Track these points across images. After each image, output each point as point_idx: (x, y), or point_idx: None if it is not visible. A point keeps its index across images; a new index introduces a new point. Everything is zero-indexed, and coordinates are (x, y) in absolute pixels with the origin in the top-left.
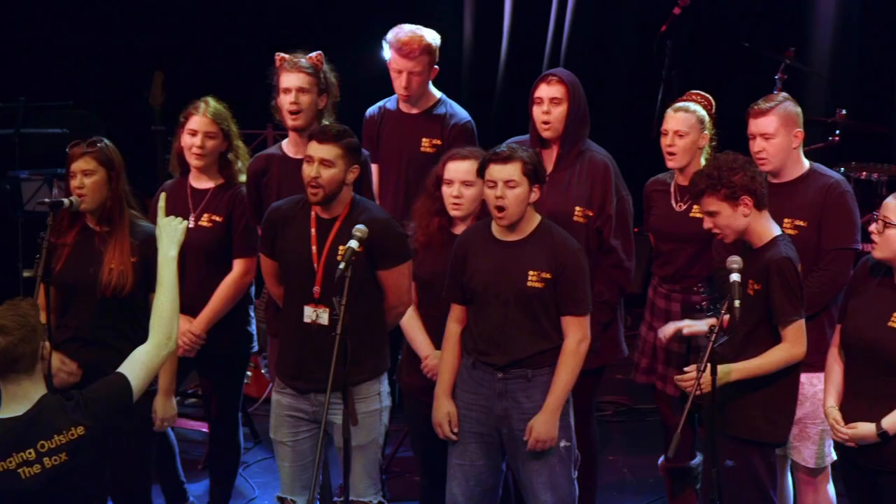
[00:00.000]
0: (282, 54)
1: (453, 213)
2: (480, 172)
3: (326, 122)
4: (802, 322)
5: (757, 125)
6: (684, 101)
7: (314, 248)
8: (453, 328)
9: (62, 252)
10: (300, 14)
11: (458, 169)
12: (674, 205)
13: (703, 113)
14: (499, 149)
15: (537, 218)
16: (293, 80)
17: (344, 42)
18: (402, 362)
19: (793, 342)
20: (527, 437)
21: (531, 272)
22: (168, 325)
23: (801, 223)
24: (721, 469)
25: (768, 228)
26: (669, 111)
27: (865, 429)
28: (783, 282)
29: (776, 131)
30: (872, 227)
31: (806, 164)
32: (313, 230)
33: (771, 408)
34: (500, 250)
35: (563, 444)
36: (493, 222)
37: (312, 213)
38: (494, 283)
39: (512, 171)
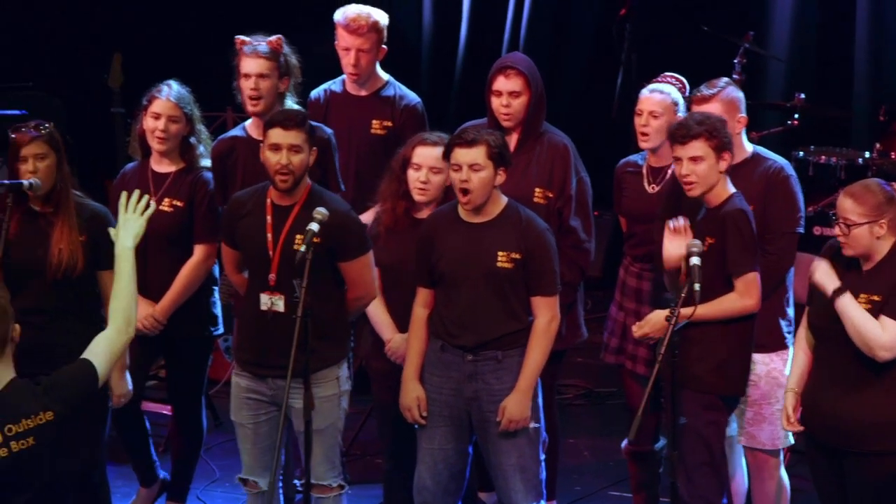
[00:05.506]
0: (241, 38)
1: (418, 198)
2: (446, 155)
3: (287, 107)
4: (756, 275)
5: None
6: (659, 82)
7: (270, 235)
8: (420, 312)
9: (6, 235)
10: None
11: (429, 155)
12: (646, 186)
13: (677, 95)
14: (464, 132)
15: (504, 200)
16: (252, 66)
17: (302, 24)
18: (370, 347)
19: (742, 293)
20: (499, 417)
21: (500, 253)
22: (127, 311)
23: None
24: (677, 433)
25: (728, 188)
26: (644, 92)
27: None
28: (738, 233)
29: None
30: (837, 230)
31: (749, 148)
32: (269, 218)
33: (722, 361)
34: (467, 232)
35: (532, 425)
36: (459, 205)
37: (268, 201)
38: (463, 265)
39: (476, 154)
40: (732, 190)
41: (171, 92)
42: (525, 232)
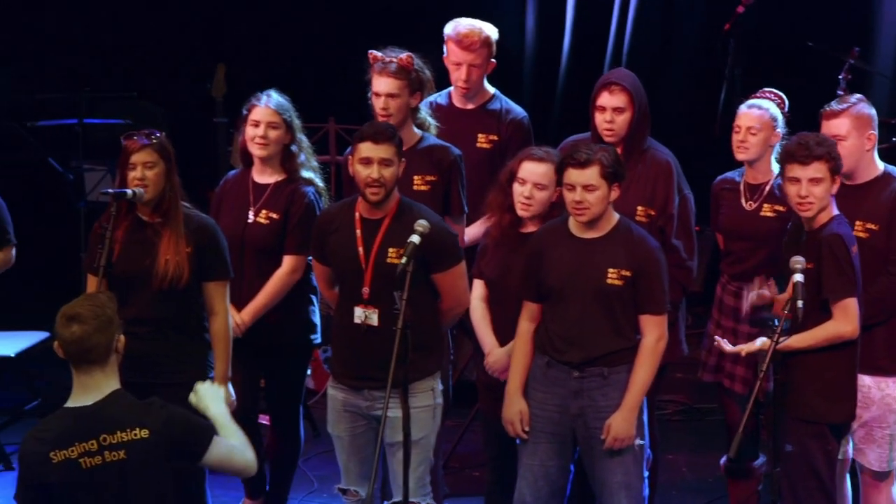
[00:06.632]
0: (374, 53)
1: (521, 212)
2: (558, 173)
3: (420, 118)
4: (853, 301)
5: (829, 127)
6: (758, 98)
7: (361, 249)
8: (526, 326)
9: (114, 243)
10: (362, 9)
11: (534, 171)
12: (744, 204)
13: (776, 111)
14: (577, 152)
15: (616, 216)
16: (382, 86)
17: (404, 38)
18: (477, 359)
19: (839, 319)
20: (604, 435)
21: (611, 269)
22: (249, 451)
23: (873, 226)
24: (782, 458)
25: (831, 210)
26: (742, 107)
27: None
28: (833, 258)
29: (848, 133)
30: None
31: (880, 166)
32: (358, 231)
33: (826, 388)
34: (578, 247)
35: (637, 442)
36: (570, 219)
37: (356, 215)
38: (573, 280)
39: (590, 175)
40: (835, 213)
41: (269, 100)
42: (636, 249)
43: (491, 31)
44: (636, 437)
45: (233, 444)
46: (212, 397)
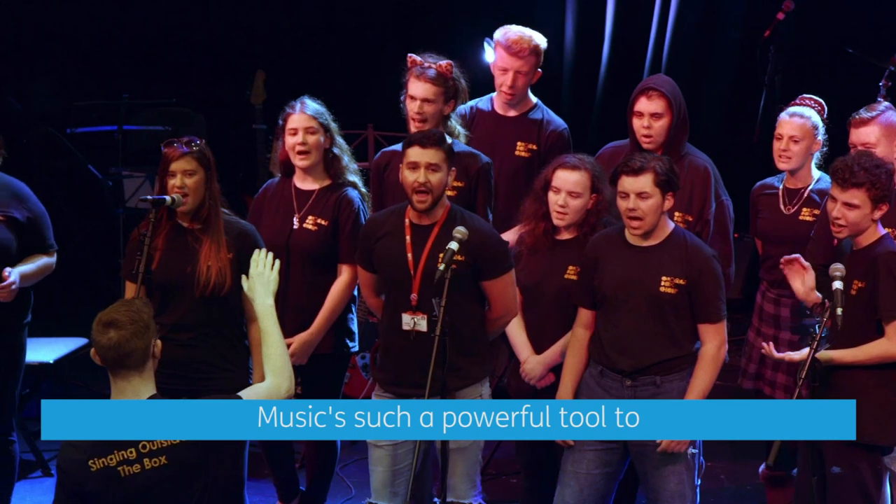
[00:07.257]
0: (413, 57)
1: (556, 221)
2: (612, 182)
3: (450, 126)
4: None
5: (858, 135)
6: (798, 105)
7: (410, 255)
8: (581, 333)
9: (154, 250)
10: (401, 16)
11: (567, 179)
12: (782, 208)
13: (817, 118)
14: (631, 160)
15: (670, 224)
16: (419, 90)
17: (441, 44)
18: (511, 366)
19: (893, 339)
20: (658, 440)
21: (665, 278)
22: (286, 370)
23: None
24: (825, 476)
25: (878, 230)
26: (784, 116)
27: None
28: (891, 277)
29: (878, 141)
30: None
31: None
32: (408, 237)
33: (879, 410)
34: (633, 255)
35: (691, 450)
36: (625, 228)
37: (406, 221)
38: (626, 288)
39: (644, 183)
40: (882, 232)
41: (304, 106)
42: (692, 258)
43: (540, 40)
44: (689, 444)
45: (264, 389)
46: (262, 291)
